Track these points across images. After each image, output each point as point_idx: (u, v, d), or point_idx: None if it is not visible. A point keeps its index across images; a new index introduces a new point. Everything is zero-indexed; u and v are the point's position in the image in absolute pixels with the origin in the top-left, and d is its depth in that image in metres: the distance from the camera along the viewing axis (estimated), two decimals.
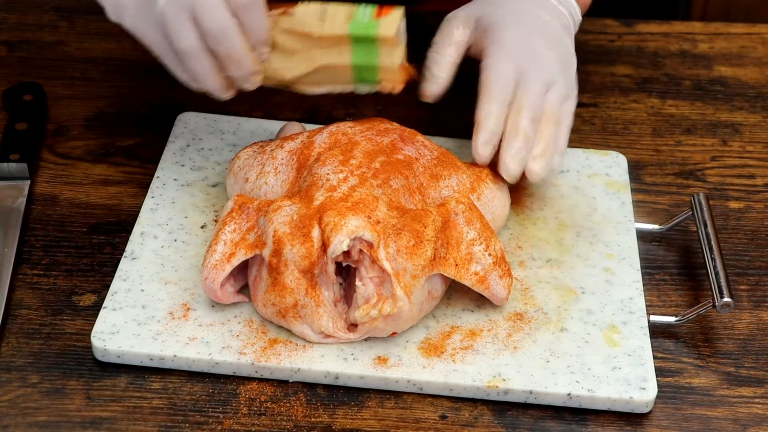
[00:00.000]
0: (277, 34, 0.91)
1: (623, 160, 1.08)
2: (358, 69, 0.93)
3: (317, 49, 0.92)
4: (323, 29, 0.91)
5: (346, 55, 0.92)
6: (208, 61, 0.89)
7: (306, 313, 0.87)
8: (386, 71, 0.93)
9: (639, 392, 0.86)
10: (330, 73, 0.93)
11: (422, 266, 0.87)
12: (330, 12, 0.91)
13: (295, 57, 0.92)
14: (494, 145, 0.98)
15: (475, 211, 0.91)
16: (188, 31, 0.87)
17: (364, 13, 0.92)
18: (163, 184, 1.02)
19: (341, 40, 0.91)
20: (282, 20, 0.91)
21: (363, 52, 0.92)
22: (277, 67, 0.92)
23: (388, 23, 0.91)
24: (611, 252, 0.98)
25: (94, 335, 0.87)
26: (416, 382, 0.86)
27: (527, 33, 0.99)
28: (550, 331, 0.91)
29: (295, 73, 0.93)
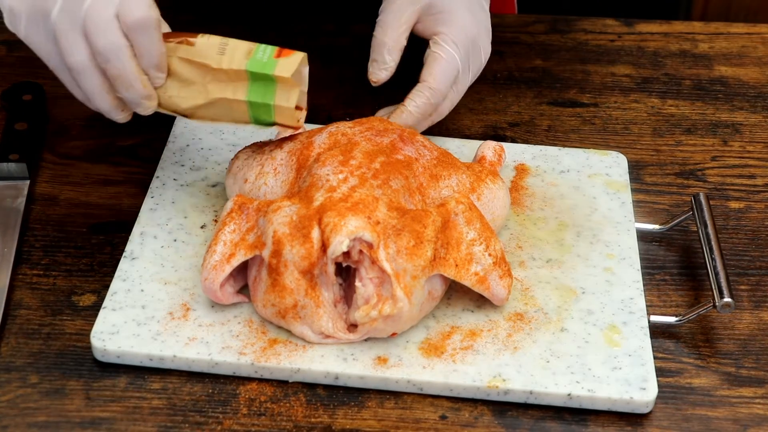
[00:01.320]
0: (174, 62, 0.90)
1: (623, 160, 1.08)
2: (253, 106, 0.92)
3: (214, 82, 0.91)
4: (221, 62, 0.90)
5: (241, 91, 0.91)
6: (98, 80, 0.88)
7: (306, 313, 0.87)
8: (280, 111, 0.92)
9: (639, 392, 0.86)
10: (226, 107, 0.92)
11: (422, 267, 0.87)
12: (230, 46, 0.91)
13: (191, 87, 0.91)
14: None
15: (475, 211, 0.91)
16: (79, 46, 0.86)
17: (264, 52, 0.91)
18: (163, 184, 1.02)
19: (238, 76, 0.90)
20: (181, 49, 0.90)
21: (259, 89, 0.91)
22: (172, 95, 0.91)
23: (286, 64, 0.90)
24: (611, 252, 0.98)
25: (93, 335, 0.87)
26: (416, 382, 0.86)
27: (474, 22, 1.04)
28: (550, 331, 0.90)
29: (190, 104, 0.92)
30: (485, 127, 1.14)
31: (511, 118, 1.16)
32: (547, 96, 1.20)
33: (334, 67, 1.20)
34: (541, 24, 1.31)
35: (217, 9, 1.28)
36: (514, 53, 1.25)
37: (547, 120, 1.16)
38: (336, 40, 1.24)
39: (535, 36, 1.29)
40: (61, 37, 0.86)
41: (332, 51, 1.22)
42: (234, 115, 0.93)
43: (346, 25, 1.26)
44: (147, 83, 0.89)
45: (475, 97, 1.18)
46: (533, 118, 1.16)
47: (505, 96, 1.19)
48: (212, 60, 0.90)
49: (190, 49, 0.90)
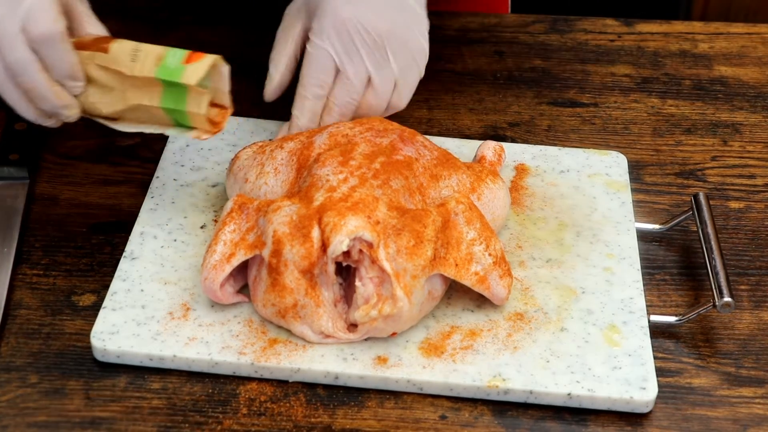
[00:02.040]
0: (93, 69, 0.91)
1: (623, 159, 1.08)
2: (169, 112, 0.92)
3: (132, 89, 0.91)
4: (133, 70, 0.90)
5: (156, 98, 0.91)
6: (16, 93, 0.89)
7: (306, 313, 0.87)
8: (194, 117, 0.92)
9: (639, 392, 0.86)
10: (146, 112, 0.92)
11: (422, 266, 0.87)
12: (142, 53, 0.91)
13: (111, 93, 0.91)
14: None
15: (475, 211, 0.91)
16: None
17: (174, 57, 0.91)
18: (163, 184, 1.02)
19: (151, 82, 0.90)
20: (97, 56, 0.91)
21: (172, 95, 0.91)
22: (94, 102, 0.92)
23: (193, 71, 0.90)
24: (611, 252, 0.98)
25: (93, 335, 0.87)
26: (416, 382, 0.86)
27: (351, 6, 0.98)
28: (550, 330, 0.90)
29: (110, 109, 0.92)
30: (485, 127, 1.14)
31: (511, 118, 1.16)
32: (546, 96, 1.20)
33: None
34: (540, 24, 1.31)
35: (217, 9, 1.28)
36: (514, 53, 1.25)
37: (547, 120, 1.16)
38: None
39: (535, 36, 1.29)
40: None
41: None
42: (156, 120, 0.93)
43: None
44: (61, 94, 0.90)
45: (475, 97, 1.18)
46: (533, 118, 1.16)
47: (504, 96, 1.19)
48: (125, 67, 0.90)
49: (105, 57, 0.90)
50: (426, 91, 1.15)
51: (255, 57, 1.22)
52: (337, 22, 0.98)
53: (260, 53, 1.23)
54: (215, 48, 1.23)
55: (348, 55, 0.99)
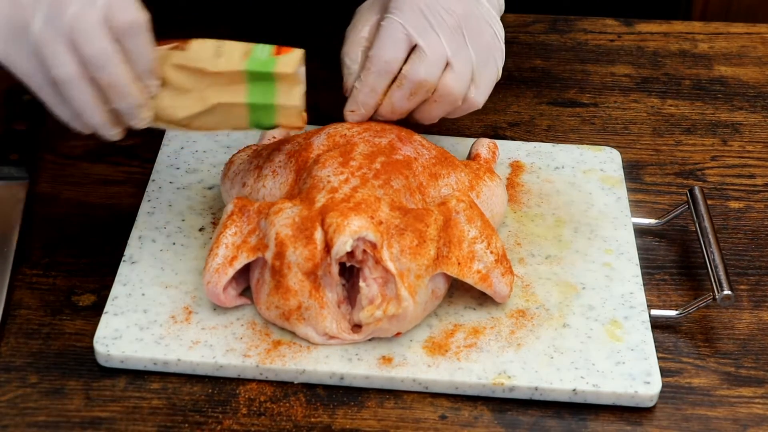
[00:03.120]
0: (168, 70, 0.86)
1: (617, 155, 1.08)
2: (255, 108, 0.89)
3: (211, 87, 0.87)
4: (218, 65, 0.87)
5: (241, 94, 0.88)
6: (89, 91, 0.83)
7: (310, 315, 0.87)
8: (284, 111, 0.89)
9: (644, 386, 0.86)
10: (225, 113, 0.89)
11: (426, 266, 0.87)
12: (226, 48, 0.88)
13: (187, 95, 0.87)
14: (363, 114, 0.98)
15: (476, 209, 0.91)
16: (66, 57, 0.81)
17: (263, 51, 0.88)
18: (159, 187, 1.01)
19: (237, 78, 0.87)
20: (174, 55, 0.87)
21: (260, 90, 0.88)
22: (167, 106, 0.87)
23: (286, 61, 0.88)
24: (609, 247, 0.98)
25: (96, 341, 0.87)
26: (422, 381, 0.86)
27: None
28: (552, 327, 0.91)
29: (187, 112, 0.88)
30: (485, 127, 1.15)
31: (510, 118, 1.16)
32: (546, 96, 1.20)
33: (334, 67, 1.19)
34: (540, 24, 1.31)
35: (217, 9, 1.28)
36: (514, 53, 1.25)
37: (546, 120, 1.16)
38: (336, 40, 1.24)
39: (535, 36, 1.29)
40: (45, 49, 0.80)
41: (332, 51, 1.22)
42: (233, 121, 0.90)
43: (345, 25, 1.26)
44: (142, 91, 0.85)
45: None
46: (533, 118, 1.16)
47: (504, 96, 1.19)
48: (209, 63, 0.87)
49: (185, 54, 0.87)
50: None
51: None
52: (414, 3, 0.94)
53: None
54: None
55: (425, 31, 0.94)
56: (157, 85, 0.86)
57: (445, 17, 0.95)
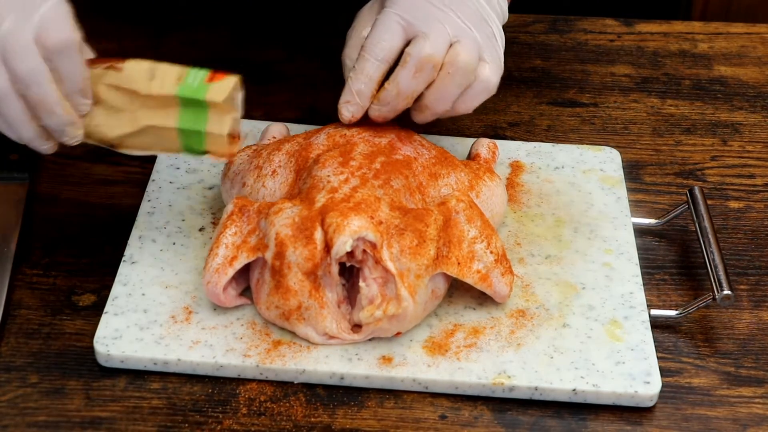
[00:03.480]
0: (101, 89, 0.87)
1: (617, 155, 1.08)
2: (185, 134, 0.88)
3: (143, 109, 0.87)
4: (151, 88, 0.87)
5: (172, 118, 0.87)
6: (19, 106, 0.83)
7: (310, 315, 0.87)
8: (212, 138, 0.88)
9: (644, 386, 0.86)
10: (155, 135, 0.88)
11: (426, 266, 0.87)
12: (160, 71, 0.88)
13: (119, 115, 0.88)
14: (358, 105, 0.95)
15: (476, 209, 0.91)
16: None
17: (196, 76, 0.88)
18: (159, 188, 1.01)
19: (169, 102, 0.87)
20: (108, 75, 0.87)
21: (190, 116, 0.88)
22: (99, 124, 0.88)
23: (218, 89, 0.87)
24: (609, 247, 0.98)
25: (96, 341, 0.87)
26: (422, 381, 0.86)
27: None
28: (552, 327, 0.91)
29: (118, 132, 0.88)
30: (485, 127, 1.15)
31: (510, 118, 1.16)
32: (546, 96, 1.20)
33: (334, 68, 1.19)
34: (540, 24, 1.31)
35: (216, 9, 1.28)
36: (514, 53, 1.25)
37: (546, 120, 1.16)
38: (336, 40, 1.24)
39: (535, 36, 1.29)
40: None
41: (332, 51, 1.22)
42: (164, 144, 0.89)
43: (346, 25, 1.26)
44: (70, 109, 0.85)
45: None
46: (533, 118, 1.16)
47: (504, 96, 1.19)
48: (141, 86, 0.87)
49: (118, 75, 0.87)
50: None
51: (254, 57, 1.22)
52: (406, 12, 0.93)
53: (260, 53, 1.23)
54: (215, 48, 1.23)
55: (426, 19, 0.93)
56: (88, 104, 0.87)
57: (443, 9, 0.94)
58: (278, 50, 1.23)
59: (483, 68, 0.95)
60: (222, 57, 1.21)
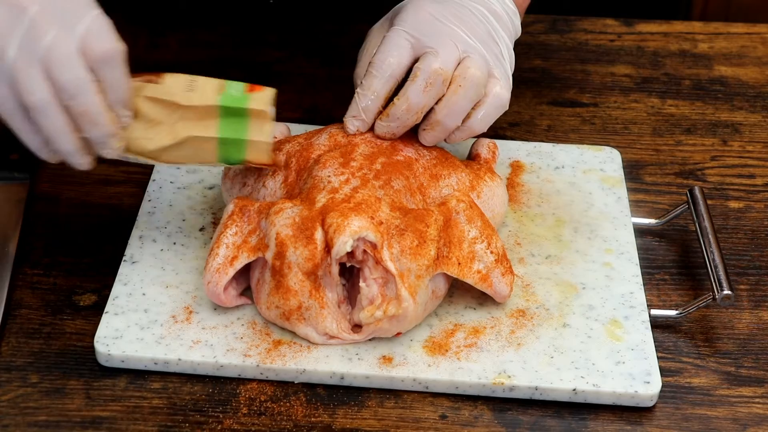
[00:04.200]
0: (140, 102, 0.87)
1: (617, 155, 1.08)
2: (225, 143, 0.89)
3: (183, 121, 0.88)
4: (191, 99, 0.87)
5: (213, 128, 0.88)
6: (61, 118, 0.83)
7: (310, 315, 0.87)
8: (254, 146, 0.89)
9: (644, 386, 0.86)
10: (195, 147, 0.89)
11: (426, 266, 0.87)
12: (199, 83, 0.88)
13: (158, 127, 0.88)
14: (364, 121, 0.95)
15: (476, 209, 0.91)
16: (40, 84, 0.81)
17: (236, 88, 0.89)
18: (160, 187, 1.02)
19: (209, 113, 0.88)
20: (147, 87, 0.87)
21: (231, 125, 0.88)
22: (139, 137, 0.88)
23: (259, 98, 0.89)
24: (610, 247, 0.98)
25: (97, 340, 0.87)
26: (422, 380, 0.87)
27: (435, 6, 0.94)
28: (552, 327, 0.91)
29: (157, 145, 0.88)
30: None
31: (510, 118, 1.16)
32: (546, 96, 1.20)
33: (334, 67, 1.20)
34: (540, 24, 1.31)
35: (216, 10, 1.28)
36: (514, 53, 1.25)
37: (546, 120, 1.16)
38: (336, 40, 1.24)
39: (535, 36, 1.29)
40: (20, 75, 0.80)
41: (332, 51, 1.22)
42: (202, 156, 0.90)
43: (346, 25, 1.26)
44: (114, 121, 0.85)
45: None
46: (533, 118, 1.16)
47: None
48: (181, 97, 0.87)
49: (157, 87, 0.87)
50: None
51: (254, 57, 1.22)
52: (420, 13, 0.94)
53: (260, 53, 1.23)
54: (215, 48, 1.23)
55: (435, 36, 0.93)
56: (130, 116, 0.87)
57: (452, 26, 0.94)
58: (278, 50, 1.23)
59: (494, 84, 0.95)
60: (222, 57, 1.22)
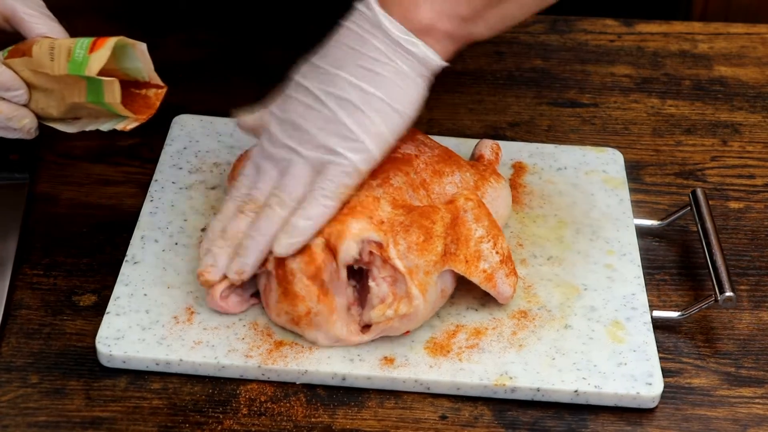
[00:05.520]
0: (30, 75, 0.87)
1: (620, 156, 1.08)
2: (103, 106, 0.86)
3: (65, 88, 0.87)
4: (54, 69, 0.86)
5: (83, 93, 0.86)
6: None
7: (319, 321, 0.87)
8: (115, 108, 0.86)
9: (646, 387, 0.86)
10: (88, 108, 0.88)
11: (434, 262, 0.87)
12: (56, 50, 0.86)
13: (53, 95, 0.88)
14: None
15: (483, 209, 0.91)
16: None
17: (81, 48, 0.85)
18: (162, 188, 1.01)
19: (73, 79, 0.86)
20: (26, 61, 0.87)
21: (93, 89, 0.86)
22: (44, 107, 0.88)
23: (96, 59, 0.84)
24: (611, 248, 0.98)
25: (98, 341, 0.87)
26: (424, 381, 0.86)
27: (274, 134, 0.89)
28: (554, 328, 0.91)
29: (59, 111, 0.88)
30: (485, 127, 1.15)
31: (510, 118, 1.16)
32: (546, 96, 1.20)
33: None
34: (540, 24, 1.31)
35: (216, 9, 1.28)
36: (514, 53, 1.25)
37: (547, 120, 1.16)
38: None
39: (535, 36, 1.29)
40: None
41: None
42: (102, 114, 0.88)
43: None
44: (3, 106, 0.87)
45: (475, 97, 1.18)
46: (533, 118, 1.16)
47: (504, 96, 1.19)
48: (48, 68, 0.86)
49: (31, 60, 0.87)
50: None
51: (254, 57, 1.22)
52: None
53: (259, 53, 1.23)
54: (215, 48, 1.23)
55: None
56: (22, 93, 0.87)
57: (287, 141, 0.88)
58: (278, 50, 1.23)
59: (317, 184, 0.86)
60: (222, 57, 1.22)
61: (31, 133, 0.90)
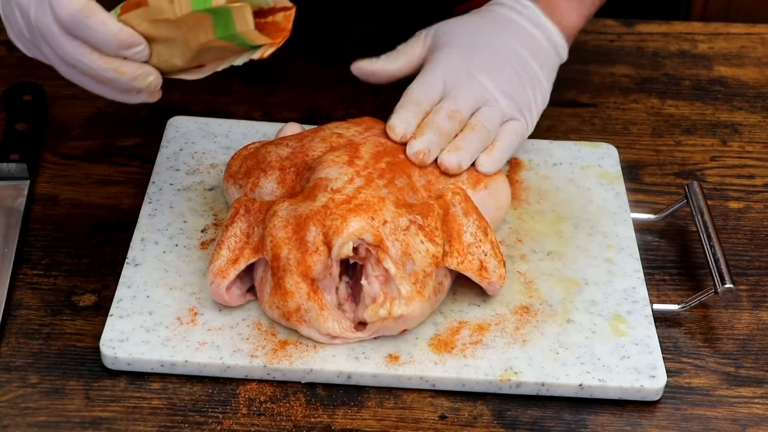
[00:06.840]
0: (148, 27, 0.83)
1: (614, 151, 1.09)
2: (230, 40, 0.84)
3: (188, 32, 0.84)
4: (175, 12, 0.82)
5: (210, 31, 0.83)
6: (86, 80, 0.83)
7: (310, 317, 0.87)
8: (248, 37, 0.84)
9: (649, 380, 0.87)
10: (214, 50, 0.85)
11: (435, 263, 0.87)
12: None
13: (175, 44, 0.84)
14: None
15: (470, 202, 0.92)
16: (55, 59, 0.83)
17: None
18: (159, 189, 1.01)
19: (200, 17, 0.83)
20: (143, 12, 0.83)
21: (221, 23, 0.83)
22: (167, 59, 0.84)
23: None
24: (610, 243, 0.98)
25: (102, 343, 0.87)
26: (429, 378, 0.87)
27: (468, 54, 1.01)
28: (556, 323, 0.91)
29: (184, 60, 0.85)
30: None
31: None
32: None
33: (335, 67, 1.20)
34: None
35: None
36: None
37: (547, 120, 1.16)
38: (336, 40, 1.24)
39: None
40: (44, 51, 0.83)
41: (332, 51, 1.22)
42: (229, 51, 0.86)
43: (346, 25, 1.26)
44: (124, 67, 0.82)
45: None
46: None
47: None
48: (168, 12, 0.83)
49: (148, 10, 0.83)
50: None
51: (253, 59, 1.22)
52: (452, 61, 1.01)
53: None
54: None
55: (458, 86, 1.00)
56: (143, 50, 0.83)
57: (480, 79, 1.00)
58: (278, 50, 1.23)
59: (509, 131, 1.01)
60: None
61: (156, 93, 0.85)
